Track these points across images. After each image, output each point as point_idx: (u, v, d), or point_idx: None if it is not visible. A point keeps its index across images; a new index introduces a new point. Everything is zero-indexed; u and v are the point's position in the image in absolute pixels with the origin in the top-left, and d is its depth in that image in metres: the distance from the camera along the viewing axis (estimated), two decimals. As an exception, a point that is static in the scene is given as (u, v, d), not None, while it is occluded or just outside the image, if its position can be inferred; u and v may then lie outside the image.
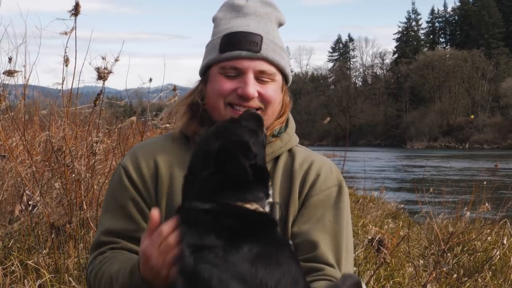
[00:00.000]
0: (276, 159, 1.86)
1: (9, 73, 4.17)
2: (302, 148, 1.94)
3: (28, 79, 4.52)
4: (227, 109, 1.77)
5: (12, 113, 4.77)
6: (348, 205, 1.89)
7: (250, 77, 1.75)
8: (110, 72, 3.63)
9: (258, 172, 1.49)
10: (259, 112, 1.76)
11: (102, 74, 3.59)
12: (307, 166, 1.86)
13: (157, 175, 1.79)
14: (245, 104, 1.75)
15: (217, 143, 1.49)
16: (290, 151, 1.90)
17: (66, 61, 3.86)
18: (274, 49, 1.79)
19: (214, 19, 1.89)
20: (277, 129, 1.87)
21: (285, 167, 1.85)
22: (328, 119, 6.39)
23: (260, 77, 1.77)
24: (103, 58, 3.66)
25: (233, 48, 1.75)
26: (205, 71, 1.84)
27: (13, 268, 3.49)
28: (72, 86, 4.14)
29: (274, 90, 1.80)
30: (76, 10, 3.51)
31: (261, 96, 1.77)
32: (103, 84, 3.69)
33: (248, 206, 1.45)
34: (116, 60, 3.74)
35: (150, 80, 4.18)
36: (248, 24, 1.79)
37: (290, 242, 1.58)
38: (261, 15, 1.83)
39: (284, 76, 1.86)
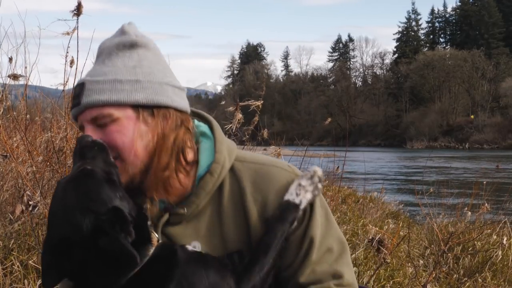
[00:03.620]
0: (219, 189, 1.58)
1: (14, 77, 4.17)
2: (244, 160, 1.62)
3: (28, 79, 4.53)
4: None
5: (15, 113, 4.78)
6: (322, 211, 1.61)
7: (87, 130, 1.49)
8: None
9: (140, 232, 1.36)
10: (117, 161, 1.46)
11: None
12: (261, 196, 1.57)
13: None
14: None
15: (88, 220, 1.30)
16: (233, 170, 1.59)
17: (71, 62, 3.86)
18: (100, 89, 1.48)
19: None
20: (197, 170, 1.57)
21: (233, 198, 1.57)
22: (329, 120, 6.37)
23: (98, 123, 1.48)
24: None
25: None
26: None
27: (13, 268, 3.49)
28: (74, 86, 4.14)
29: (118, 132, 1.46)
30: (78, 10, 3.51)
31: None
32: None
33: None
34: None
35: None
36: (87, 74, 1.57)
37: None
38: (103, 53, 1.56)
39: (140, 106, 1.49)
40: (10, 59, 4.33)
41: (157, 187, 1.50)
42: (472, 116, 74.54)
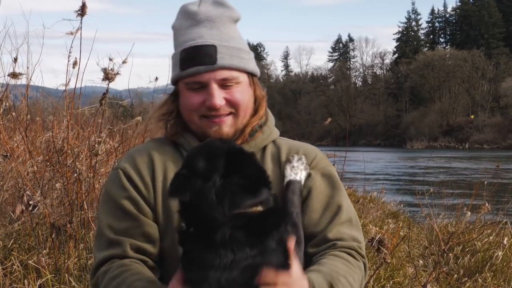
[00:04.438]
0: (263, 150, 1.94)
1: (14, 75, 4.17)
2: (285, 139, 2.01)
3: (30, 79, 4.53)
4: (203, 121, 1.84)
5: (14, 113, 4.78)
6: (344, 190, 1.94)
7: (214, 87, 1.79)
8: (118, 73, 3.65)
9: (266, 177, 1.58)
10: (230, 116, 1.84)
11: (110, 75, 3.60)
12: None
13: (153, 171, 1.85)
14: (215, 113, 1.81)
15: (225, 146, 1.52)
16: (275, 142, 1.97)
17: (75, 63, 3.87)
18: (230, 55, 1.81)
19: (173, 28, 1.91)
20: (257, 124, 1.93)
21: (273, 157, 1.93)
22: (329, 120, 6.38)
23: (223, 84, 1.80)
24: (110, 60, 3.68)
25: (190, 64, 1.79)
26: (174, 83, 1.91)
27: (13, 268, 3.49)
28: (75, 86, 4.14)
29: (240, 92, 1.84)
30: (82, 11, 3.51)
31: (229, 102, 1.82)
32: (108, 85, 3.70)
33: (259, 209, 1.50)
34: (124, 62, 3.77)
35: (156, 79, 4.21)
36: (201, 34, 1.81)
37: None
38: (213, 20, 1.84)
39: (250, 73, 1.88)
40: (15, 59, 4.32)
41: (244, 136, 1.88)
42: (472, 116, 74.50)
